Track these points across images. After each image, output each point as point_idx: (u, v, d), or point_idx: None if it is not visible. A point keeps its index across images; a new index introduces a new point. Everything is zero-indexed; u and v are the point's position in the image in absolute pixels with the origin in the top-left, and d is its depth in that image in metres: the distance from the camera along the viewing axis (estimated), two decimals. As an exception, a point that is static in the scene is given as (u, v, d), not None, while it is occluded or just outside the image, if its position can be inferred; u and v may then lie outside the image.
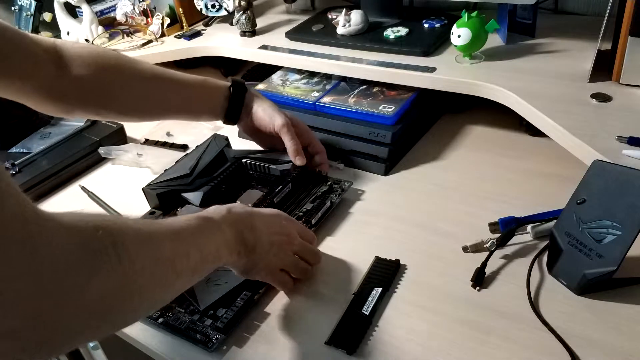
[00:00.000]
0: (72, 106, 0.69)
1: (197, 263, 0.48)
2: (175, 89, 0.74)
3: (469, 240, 0.63)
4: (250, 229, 0.56)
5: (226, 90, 0.76)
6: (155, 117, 0.78)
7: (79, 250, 0.35)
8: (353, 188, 0.76)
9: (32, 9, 1.10)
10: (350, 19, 0.94)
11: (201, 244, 0.49)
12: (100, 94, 0.69)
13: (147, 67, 0.73)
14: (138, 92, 0.72)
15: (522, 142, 0.83)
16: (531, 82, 0.76)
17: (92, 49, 0.71)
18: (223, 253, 0.52)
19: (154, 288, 0.43)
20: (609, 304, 0.55)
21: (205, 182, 0.75)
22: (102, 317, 0.38)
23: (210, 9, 1.12)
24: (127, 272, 0.39)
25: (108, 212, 0.79)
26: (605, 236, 0.54)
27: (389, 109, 0.81)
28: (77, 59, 0.67)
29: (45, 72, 0.64)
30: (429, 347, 0.53)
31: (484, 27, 0.80)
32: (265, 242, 0.57)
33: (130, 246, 0.39)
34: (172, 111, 0.76)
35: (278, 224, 0.60)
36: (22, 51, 0.61)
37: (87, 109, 0.71)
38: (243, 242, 0.55)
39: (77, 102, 0.69)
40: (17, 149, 0.91)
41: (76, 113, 0.70)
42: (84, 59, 0.67)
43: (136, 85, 0.71)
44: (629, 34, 0.68)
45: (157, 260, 0.43)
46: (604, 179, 0.56)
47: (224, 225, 0.53)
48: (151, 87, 0.72)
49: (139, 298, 0.41)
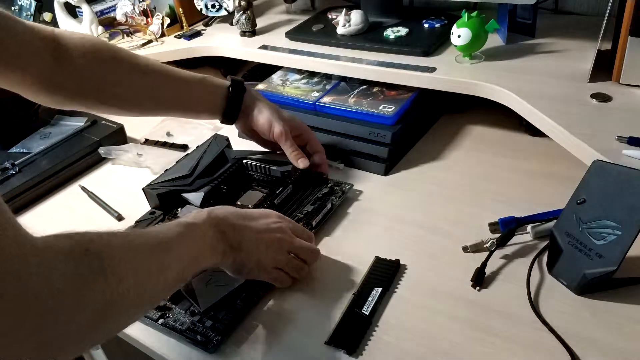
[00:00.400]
0: (69, 98, 0.68)
1: (183, 270, 0.50)
2: (174, 85, 0.73)
3: (469, 240, 0.64)
4: (233, 228, 0.56)
5: (225, 90, 0.75)
6: (152, 112, 0.77)
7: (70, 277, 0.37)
8: (353, 188, 0.76)
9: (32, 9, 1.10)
10: (350, 19, 0.94)
11: (185, 251, 0.51)
12: (97, 88, 0.68)
13: (146, 61, 0.72)
14: (136, 86, 0.71)
15: (522, 142, 0.83)
16: (531, 82, 0.76)
17: (92, 40, 0.70)
18: (207, 255, 0.53)
19: (141, 302, 0.45)
20: (609, 304, 0.55)
21: (206, 182, 0.75)
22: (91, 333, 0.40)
23: (210, 9, 1.12)
24: (115, 292, 0.40)
25: (108, 212, 0.79)
26: (605, 236, 0.54)
27: (389, 109, 0.81)
28: (75, 51, 0.66)
29: (42, 62, 0.63)
30: (429, 347, 0.53)
31: (484, 27, 0.81)
32: (252, 240, 0.57)
33: (117, 266, 0.41)
34: (169, 107, 0.76)
35: (265, 222, 0.60)
36: (18, 40, 0.60)
37: (84, 102, 0.70)
38: (227, 242, 0.55)
39: (74, 95, 0.68)
40: (17, 149, 0.91)
41: (73, 105, 0.70)
42: (82, 51, 0.66)
43: (134, 79, 0.70)
44: (629, 34, 0.68)
45: (144, 275, 0.44)
46: (604, 179, 0.56)
47: (205, 227, 0.54)
48: (149, 81, 0.71)
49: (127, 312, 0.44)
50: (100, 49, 0.69)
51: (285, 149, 0.75)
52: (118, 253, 0.42)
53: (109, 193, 0.84)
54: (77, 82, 0.67)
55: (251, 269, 0.58)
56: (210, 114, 0.77)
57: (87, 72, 0.67)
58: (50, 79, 0.65)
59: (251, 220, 0.59)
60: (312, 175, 0.76)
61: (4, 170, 0.84)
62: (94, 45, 0.69)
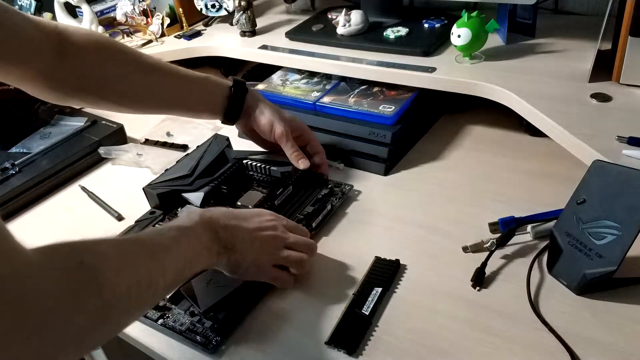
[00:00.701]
0: (70, 94, 0.68)
1: (177, 274, 0.50)
2: (176, 83, 0.73)
3: (469, 240, 0.64)
4: (225, 228, 0.56)
5: (227, 90, 0.75)
6: (153, 110, 0.76)
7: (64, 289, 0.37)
8: (353, 188, 0.76)
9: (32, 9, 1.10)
10: (350, 19, 0.94)
11: (179, 256, 0.50)
12: (99, 84, 0.68)
13: (149, 60, 0.72)
14: (138, 83, 0.71)
15: (522, 142, 0.83)
16: (531, 82, 0.76)
17: (96, 36, 0.70)
18: (202, 257, 0.54)
19: (134, 310, 0.46)
20: (609, 304, 0.55)
21: (206, 182, 0.75)
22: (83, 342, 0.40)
23: (210, 9, 1.12)
24: (108, 302, 0.40)
25: (108, 212, 0.79)
26: (605, 236, 0.54)
27: (389, 109, 0.81)
28: (79, 47, 0.66)
29: (44, 58, 0.63)
30: (429, 347, 0.53)
31: (484, 27, 0.81)
32: (246, 239, 0.57)
33: (110, 277, 0.41)
34: (170, 105, 0.75)
35: (258, 221, 0.60)
36: (20, 36, 0.59)
37: (86, 98, 0.70)
38: (220, 242, 0.55)
39: (76, 91, 0.68)
40: (17, 149, 0.91)
41: (74, 101, 0.70)
42: (86, 47, 0.66)
43: (137, 76, 0.70)
44: (629, 34, 0.68)
45: (137, 284, 0.44)
46: (604, 179, 0.56)
47: (198, 229, 0.54)
48: (151, 79, 0.71)
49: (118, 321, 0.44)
50: (105, 45, 0.69)
51: (285, 150, 0.75)
52: (113, 262, 0.42)
53: (109, 193, 0.84)
54: (79, 78, 0.66)
55: (247, 269, 0.58)
56: (211, 113, 0.76)
57: (89, 68, 0.67)
58: (53, 75, 0.64)
59: (244, 220, 0.59)
60: (313, 176, 0.76)
61: (4, 170, 0.84)
62: (98, 41, 0.68)
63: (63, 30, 0.65)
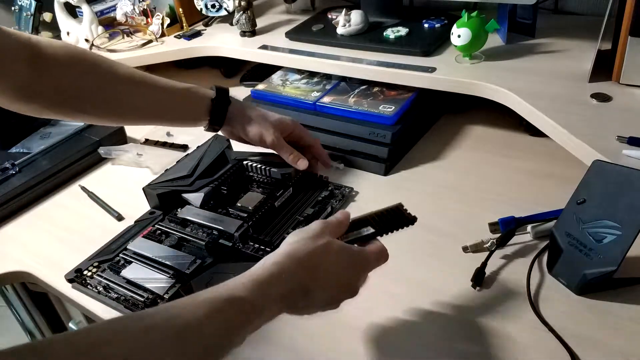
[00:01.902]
0: (46, 107, 0.66)
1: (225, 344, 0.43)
2: (156, 95, 0.71)
3: (469, 240, 0.64)
4: (305, 295, 0.47)
5: (209, 102, 0.72)
6: (133, 121, 0.75)
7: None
8: (353, 190, 0.76)
9: (32, 9, 1.10)
10: (350, 19, 0.94)
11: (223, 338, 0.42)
12: (75, 97, 0.66)
13: (128, 70, 0.70)
14: (116, 96, 0.69)
15: (522, 142, 0.83)
16: (531, 82, 0.76)
17: (70, 48, 0.67)
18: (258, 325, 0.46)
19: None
20: (609, 304, 0.55)
21: (206, 183, 0.75)
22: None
23: (210, 9, 1.12)
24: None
25: (108, 212, 0.79)
26: (605, 236, 0.54)
27: (389, 109, 0.81)
28: (53, 60, 0.64)
29: (17, 70, 0.61)
30: (429, 347, 0.53)
31: (484, 27, 0.80)
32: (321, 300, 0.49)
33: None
34: (150, 117, 0.73)
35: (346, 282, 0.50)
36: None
37: (62, 111, 0.67)
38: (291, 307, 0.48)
39: (51, 104, 0.66)
40: (17, 149, 0.91)
41: (50, 114, 0.67)
42: (61, 60, 0.64)
43: (114, 89, 0.68)
44: (629, 34, 0.68)
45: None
46: (604, 179, 0.56)
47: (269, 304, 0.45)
48: (129, 91, 0.69)
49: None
50: (80, 57, 0.67)
51: (282, 156, 0.74)
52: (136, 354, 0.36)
53: (108, 193, 0.84)
54: (54, 91, 0.64)
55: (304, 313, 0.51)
56: (193, 124, 0.75)
57: (64, 81, 0.65)
58: (27, 87, 0.62)
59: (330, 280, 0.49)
60: (313, 178, 0.76)
61: (4, 170, 0.84)
62: (74, 53, 0.67)
63: (37, 42, 0.63)
